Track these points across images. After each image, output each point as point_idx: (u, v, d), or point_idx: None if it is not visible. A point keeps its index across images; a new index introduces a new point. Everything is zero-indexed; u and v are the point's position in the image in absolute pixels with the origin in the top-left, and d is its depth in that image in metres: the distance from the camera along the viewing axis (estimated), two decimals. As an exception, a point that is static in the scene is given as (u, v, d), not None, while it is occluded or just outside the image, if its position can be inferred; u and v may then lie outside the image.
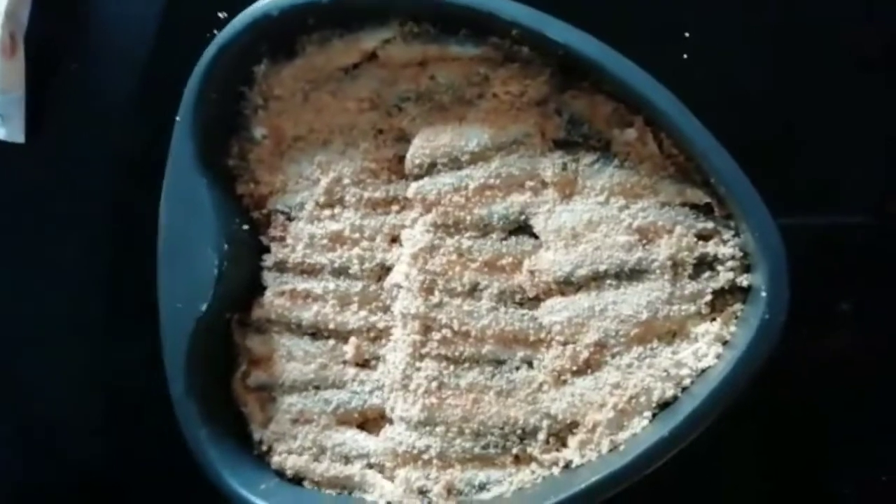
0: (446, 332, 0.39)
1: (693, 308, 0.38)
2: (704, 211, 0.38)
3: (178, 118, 0.40)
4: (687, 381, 0.37)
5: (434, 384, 0.39)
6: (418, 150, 0.39)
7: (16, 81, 0.48)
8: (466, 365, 0.39)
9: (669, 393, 0.37)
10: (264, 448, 0.42)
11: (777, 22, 0.42)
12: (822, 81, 0.42)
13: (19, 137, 0.48)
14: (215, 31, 0.40)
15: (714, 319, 0.38)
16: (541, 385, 0.39)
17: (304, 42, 0.40)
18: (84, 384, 0.49)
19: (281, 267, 0.41)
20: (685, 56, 0.41)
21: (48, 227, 0.49)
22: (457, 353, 0.39)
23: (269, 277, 0.41)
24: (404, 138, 0.40)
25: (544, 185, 0.39)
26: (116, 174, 0.47)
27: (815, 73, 0.42)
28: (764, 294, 0.36)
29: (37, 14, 0.47)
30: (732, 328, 0.38)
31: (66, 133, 0.48)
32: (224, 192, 0.41)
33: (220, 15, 0.42)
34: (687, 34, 0.41)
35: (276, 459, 0.41)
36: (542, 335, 0.39)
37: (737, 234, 0.37)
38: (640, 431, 0.37)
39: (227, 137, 0.42)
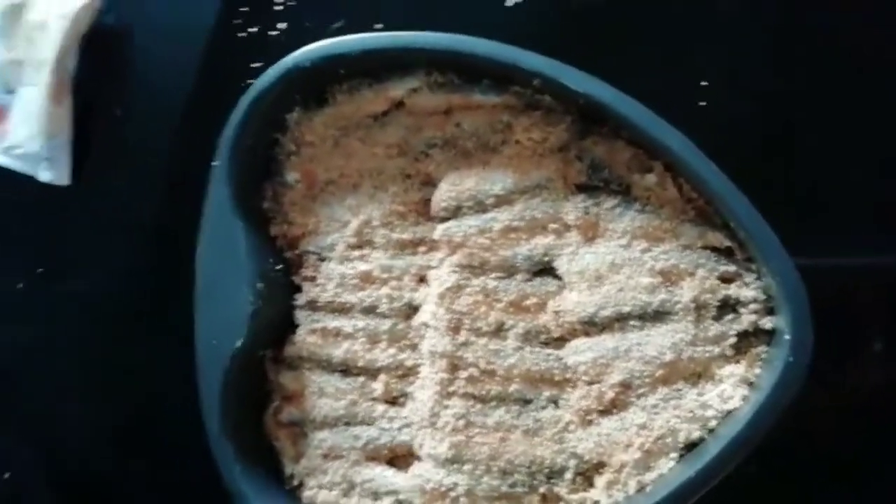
0: (473, 370, 0.38)
1: (717, 350, 0.37)
2: (726, 254, 0.37)
3: (214, 163, 0.41)
4: (713, 423, 0.36)
5: (461, 422, 0.38)
6: (444, 194, 0.39)
7: (63, 126, 0.48)
8: (493, 403, 0.38)
9: (696, 434, 0.36)
10: (296, 483, 0.41)
11: (796, 66, 0.42)
12: (843, 122, 0.41)
13: (65, 180, 0.48)
14: (250, 81, 0.41)
15: (739, 361, 0.38)
16: (567, 424, 0.38)
17: (335, 91, 0.40)
18: (122, 425, 0.49)
19: (313, 305, 0.41)
20: (702, 103, 0.41)
21: (92, 268, 0.49)
22: (483, 392, 0.38)
23: (301, 316, 0.41)
24: (431, 183, 0.40)
25: (567, 227, 0.38)
26: (156, 216, 0.48)
27: (836, 113, 0.41)
28: (787, 337, 0.35)
29: (84, 61, 0.48)
30: (757, 370, 0.37)
31: (108, 176, 0.49)
32: (259, 234, 0.41)
33: (255, 65, 0.43)
34: (704, 83, 0.41)
35: (307, 494, 0.40)
36: (568, 375, 0.38)
37: (759, 277, 0.37)
38: (667, 472, 0.36)
39: (262, 181, 0.42)
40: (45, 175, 0.48)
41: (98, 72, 0.48)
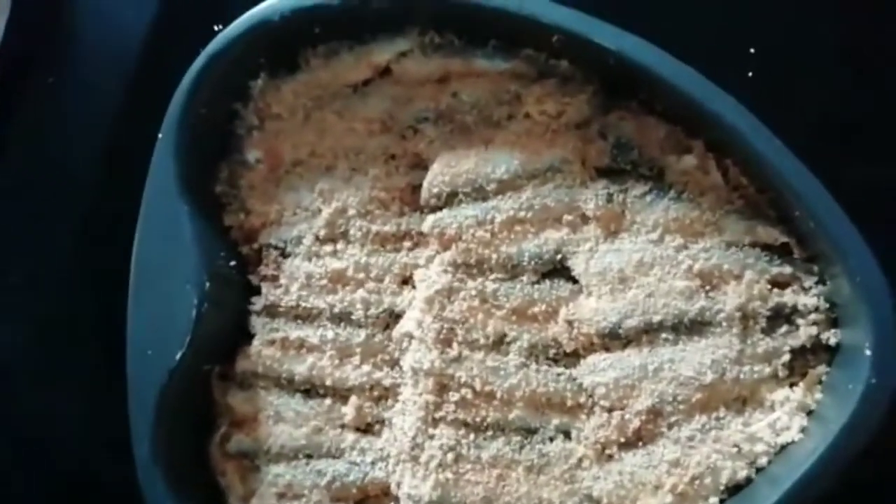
0: (466, 392, 0.35)
1: (767, 370, 0.34)
2: (780, 253, 0.35)
3: (159, 136, 0.37)
4: (763, 460, 0.33)
5: (450, 456, 0.35)
6: (437, 178, 0.37)
7: None
8: (490, 433, 0.35)
9: (742, 474, 0.33)
10: None
11: (853, 37, 0.39)
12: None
13: None
14: (208, 46, 0.38)
15: (794, 385, 0.34)
16: (580, 460, 0.35)
17: (308, 54, 0.38)
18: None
19: (272, 311, 0.38)
20: (750, 74, 0.38)
21: (15, 255, 0.45)
22: (478, 419, 0.35)
23: (257, 323, 0.38)
24: (420, 165, 0.38)
25: (585, 219, 0.36)
26: (91, 198, 0.44)
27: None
28: (868, 353, 0.31)
29: (13, 25, 0.45)
30: (818, 395, 0.34)
31: (39, 152, 0.45)
32: (209, 223, 0.38)
33: (216, 27, 0.39)
34: (752, 49, 0.38)
35: None
36: (582, 399, 0.35)
37: (821, 282, 0.34)
38: None
39: (216, 160, 0.39)
40: None
41: (29, 32, 0.45)
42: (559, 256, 0.36)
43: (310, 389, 0.37)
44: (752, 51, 0.37)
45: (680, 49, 0.33)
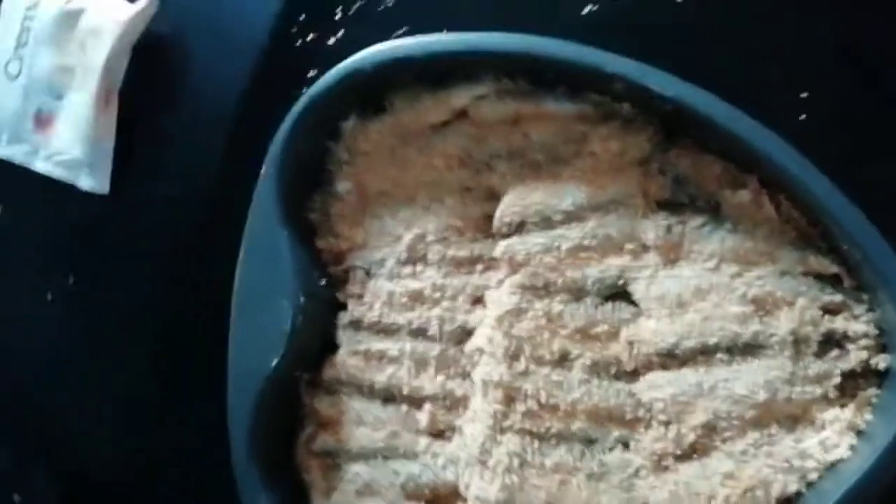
0: (532, 403, 0.36)
1: (819, 391, 0.34)
2: (831, 282, 0.35)
3: (263, 169, 0.40)
4: (813, 475, 0.34)
5: (516, 461, 0.36)
6: (509, 208, 0.38)
7: (107, 134, 0.49)
8: (553, 442, 0.36)
9: (792, 487, 0.34)
10: None
11: None
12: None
13: (105, 189, 0.49)
14: (304, 90, 0.40)
15: (845, 405, 0.35)
16: (638, 470, 0.35)
17: (394, 98, 0.40)
18: (145, 439, 0.48)
19: (356, 325, 0.40)
20: (802, 117, 0.39)
21: (127, 277, 0.49)
22: (542, 429, 0.36)
23: (343, 336, 0.40)
24: (493, 196, 0.39)
25: (645, 248, 0.37)
26: (198, 226, 0.47)
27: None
28: None
29: (133, 69, 0.48)
30: (868, 416, 0.34)
31: (150, 185, 0.49)
32: (304, 246, 0.40)
33: (310, 74, 0.43)
34: (804, 94, 0.39)
35: None
36: (641, 413, 0.36)
37: (871, 309, 0.35)
38: None
39: (311, 191, 0.41)
40: (85, 182, 0.49)
41: (147, 80, 0.48)
42: (621, 282, 0.36)
43: (388, 397, 0.39)
44: (803, 96, 0.38)
45: (734, 92, 0.34)
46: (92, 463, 0.48)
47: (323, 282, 0.40)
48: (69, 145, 0.49)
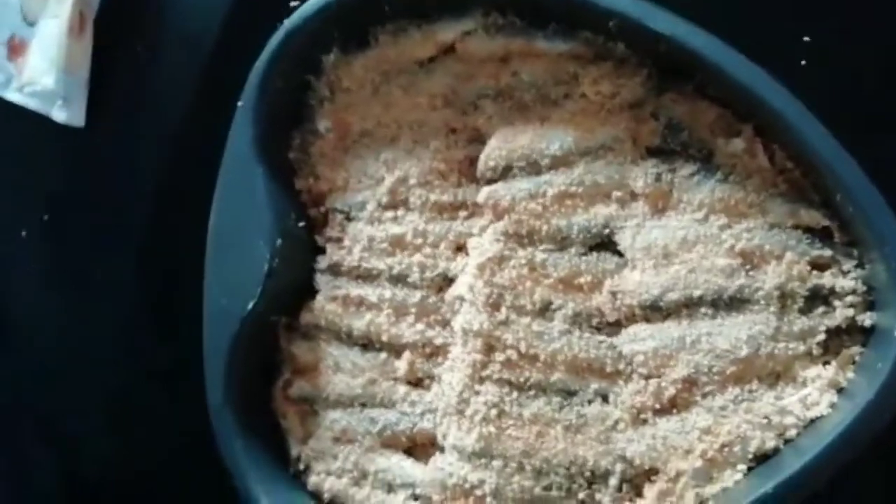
0: (511, 353, 0.36)
1: (802, 347, 0.34)
2: (821, 236, 0.35)
3: (240, 103, 0.40)
4: (792, 432, 0.34)
5: (494, 411, 0.36)
6: (493, 151, 0.38)
7: (81, 62, 0.47)
8: (532, 393, 0.36)
9: (770, 444, 0.34)
10: (301, 466, 0.40)
11: None
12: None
13: (80, 121, 0.48)
14: (286, 21, 0.39)
15: (827, 363, 0.35)
16: (616, 423, 0.36)
17: (378, 32, 0.39)
18: (116, 375, 0.48)
19: (335, 270, 0.40)
20: (803, 62, 0.38)
21: (103, 211, 0.48)
22: (522, 379, 0.36)
23: (321, 281, 0.40)
24: (479, 139, 0.39)
25: (633, 196, 0.37)
26: (175, 159, 0.47)
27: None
28: None
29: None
30: (850, 374, 0.34)
31: (126, 117, 0.48)
32: (281, 186, 0.40)
33: (293, 3, 0.41)
34: (806, 38, 0.38)
35: (313, 480, 0.39)
36: (621, 366, 0.36)
37: (860, 265, 0.35)
38: (732, 486, 0.34)
39: (290, 129, 0.41)
40: (59, 114, 0.47)
41: (122, 6, 0.47)
42: (607, 231, 0.36)
43: (367, 344, 0.39)
44: (806, 39, 0.37)
45: (734, 36, 0.33)
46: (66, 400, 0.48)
47: (301, 224, 0.40)
48: (41, 74, 0.47)
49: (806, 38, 0.37)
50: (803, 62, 0.37)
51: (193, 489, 0.45)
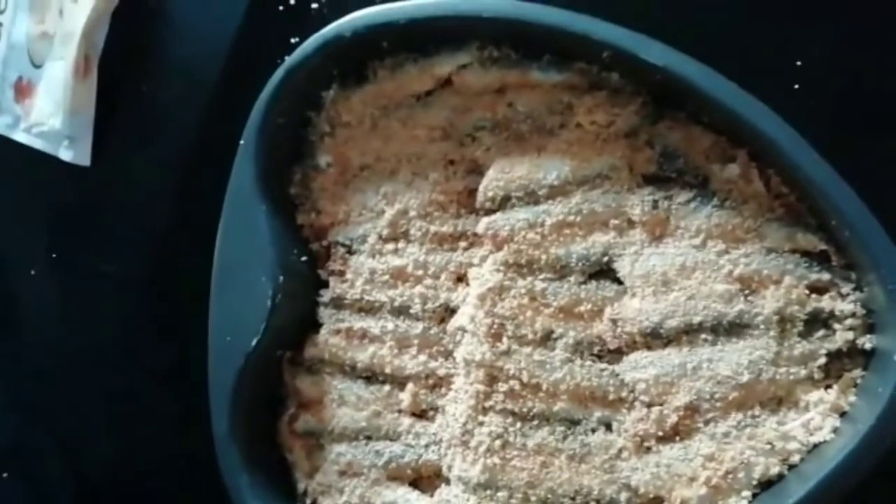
0: (514, 383, 0.36)
1: (803, 372, 0.34)
2: (819, 260, 0.35)
3: (241, 141, 0.40)
4: (795, 458, 0.34)
5: (498, 442, 0.36)
6: (492, 182, 0.38)
7: (87, 103, 0.48)
8: (535, 423, 0.37)
9: (774, 470, 0.34)
10: (308, 501, 0.40)
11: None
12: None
13: (85, 160, 0.49)
14: (286, 58, 0.40)
15: (829, 387, 0.35)
16: (620, 451, 0.36)
17: (376, 67, 0.40)
18: (122, 414, 0.48)
19: (338, 303, 0.40)
20: (796, 86, 0.38)
21: (106, 249, 0.49)
22: (525, 409, 0.37)
23: (324, 314, 0.41)
24: (477, 170, 0.39)
25: (631, 224, 0.37)
26: (179, 197, 0.48)
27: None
28: None
29: (112, 36, 0.48)
30: (852, 398, 0.34)
31: (131, 156, 0.49)
32: (284, 221, 0.40)
33: (293, 41, 0.42)
34: (799, 62, 0.38)
35: None
36: (624, 394, 0.36)
37: (858, 288, 0.35)
38: None
39: (291, 164, 0.42)
40: (65, 154, 0.49)
41: (127, 47, 0.48)
42: (605, 259, 0.37)
43: (371, 376, 0.39)
44: (798, 63, 0.38)
45: (726, 63, 0.34)
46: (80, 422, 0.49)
47: (303, 258, 0.40)
48: (48, 116, 0.49)
49: (798, 63, 0.38)
50: (796, 86, 0.38)
51: (193, 489, 0.46)
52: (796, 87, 0.38)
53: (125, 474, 0.48)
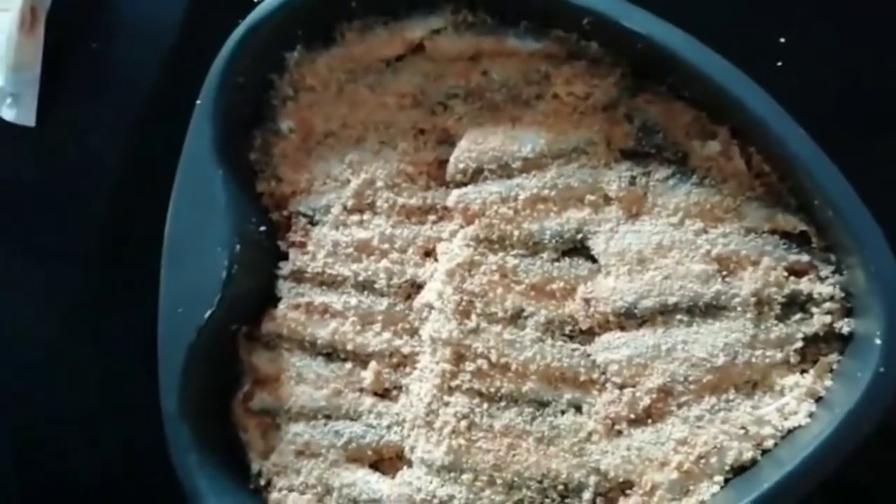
0: (482, 363, 0.36)
1: (779, 355, 0.34)
2: (798, 241, 0.35)
3: (198, 101, 0.39)
4: (769, 443, 0.34)
5: (463, 423, 0.36)
6: (463, 154, 0.37)
7: (32, 59, 0.46)
8: (503, 403, 0.36)
9: (747, 455, 0.34)
10: (262, 482, 0.39)
11: (883, 31, 0.39)
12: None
13: (30, 120, 0.46)
14: (248, 16, 0.39)
15: (805, 371, 0.35)
16: (590, 434, 0.35)
17: (344, 28, 0.39)
18: (73, 379, 0.46)
19: (298, 276, 0.39)
20: (779, 63, 0.38)
21: (50, 215, 0.47)
22: (492, 389, 0.36)
23: (284, 287, 0.39)
24: (448, 140, 0.39)
25: (607, 200, 0.36)
26: (131, 161, 0.46)
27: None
28: (879, 342, 0.31)
29: None
30: (828, 382, 0.34)
31: (80, 117, 0.47)
32: (242, 189, 0.39)
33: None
34: (782, 39, 0.38)
35: (274, 496, 0.38)
36: (595, 375, 0.36)
37: (838, 271, 0.34)
38: (709, 499, 0.34)
39: (251, 128, 0.40)
40: (8, 113, 0.46)
41: (76, 1, 0.46)
42: (580, 235, 0.36)
43: (331, 353, 0.38)
44: (782, 40, 0.37)
45: (710, 37, 0.33)
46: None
47: (262, 228, 0.39)
48: (-10, 71, 0.46)
49: (782, 40, 0.38)
50: (780, 63, 0.38)
51: (150, 470, 0.43)
52: (779, 64, 0.38)
53: (121, 474, 0.46)
